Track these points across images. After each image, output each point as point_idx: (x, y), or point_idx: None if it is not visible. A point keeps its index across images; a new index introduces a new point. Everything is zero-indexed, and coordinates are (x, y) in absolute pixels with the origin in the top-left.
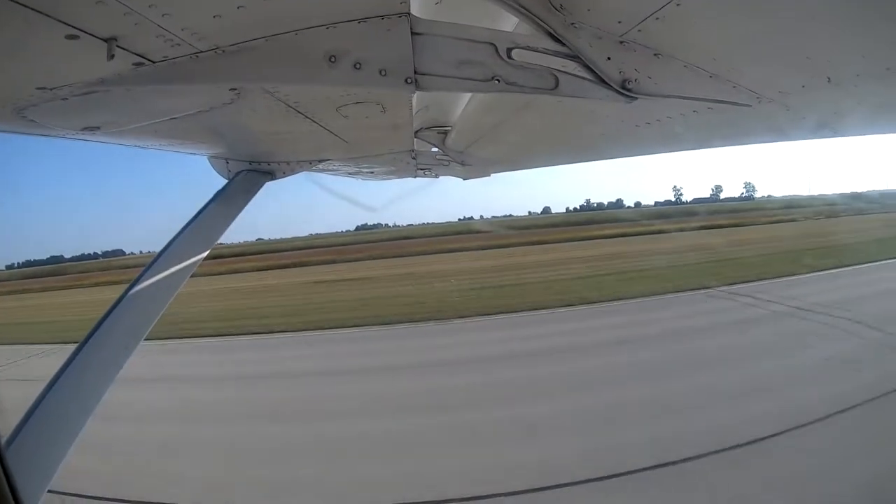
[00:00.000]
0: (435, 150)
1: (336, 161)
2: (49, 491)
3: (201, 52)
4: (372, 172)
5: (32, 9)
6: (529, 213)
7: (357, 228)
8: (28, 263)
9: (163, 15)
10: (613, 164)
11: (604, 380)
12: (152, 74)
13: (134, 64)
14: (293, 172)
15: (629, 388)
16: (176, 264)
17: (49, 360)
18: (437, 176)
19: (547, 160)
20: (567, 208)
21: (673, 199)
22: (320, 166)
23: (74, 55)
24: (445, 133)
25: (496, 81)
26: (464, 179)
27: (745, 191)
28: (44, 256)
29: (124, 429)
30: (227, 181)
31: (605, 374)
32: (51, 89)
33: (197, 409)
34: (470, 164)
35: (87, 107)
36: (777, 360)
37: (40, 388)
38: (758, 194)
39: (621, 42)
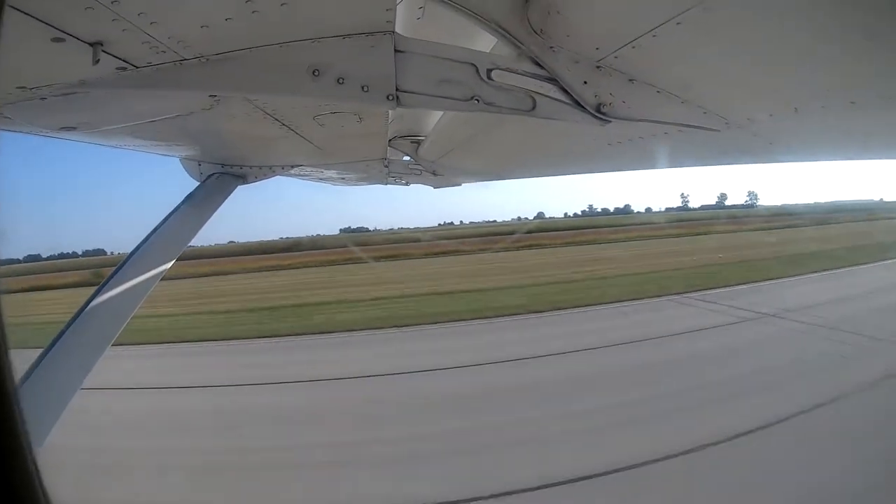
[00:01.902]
0: (407, 158)
1: (309, 167)
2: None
3: (185, 59)
4: (343, 178)
5: (19, 10)
6: (519, 218)
7: (342, 231)
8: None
9: (151, 23)
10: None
11: None
12: (135, 79)
13: (117, 68)
14: (265, 177)
15: None
16: (147, 266)
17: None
18: (407, 184)
19: (519, 173)
20: (566, 213)
21: (680, 206)
22: (293, 171)
23: (58, 57)
24: (418, 143)
25: (475, 101)
26: (434, 188)
27: (748, 198)
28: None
29: None
30: (199, 183)
31: None
32: (31, 88)
33: None
34: (441, 173)
35: (65, 107)
36: None
37: None
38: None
39: (598, 67)
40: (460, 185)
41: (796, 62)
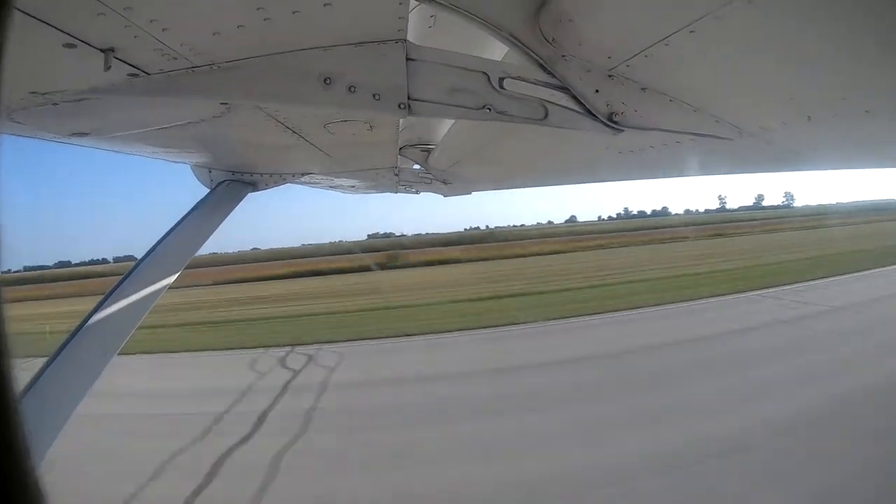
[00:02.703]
0: (417, 167)
1: (319, 174)
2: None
3: (197, 66)
4: (353, 187)
5: (32, 16)
6: (550, 222)
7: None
8: (29, 269)
9: (163, 29)
10: None
11: None
12: (146, 86)
13: (129, 75)
14: (276, 184)
15: None
16: (156, 273)
17: None
18: (417, 192)
19: (529, 182)
20: (599, 217)
21: (718, 207)
22: (303, 179)
23: (70, 63)
24: (429, 151)
25: (487, 110)
26: (444, 196)
27: (784, 199)
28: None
29: None
30: (209, 190)
31: None
32: (43, 94)
33: None
34: (451, 182)
35: (77, 113)
36: None
37: None
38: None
39: (610, 76)
40: (470, 193)
41: (809, 70)
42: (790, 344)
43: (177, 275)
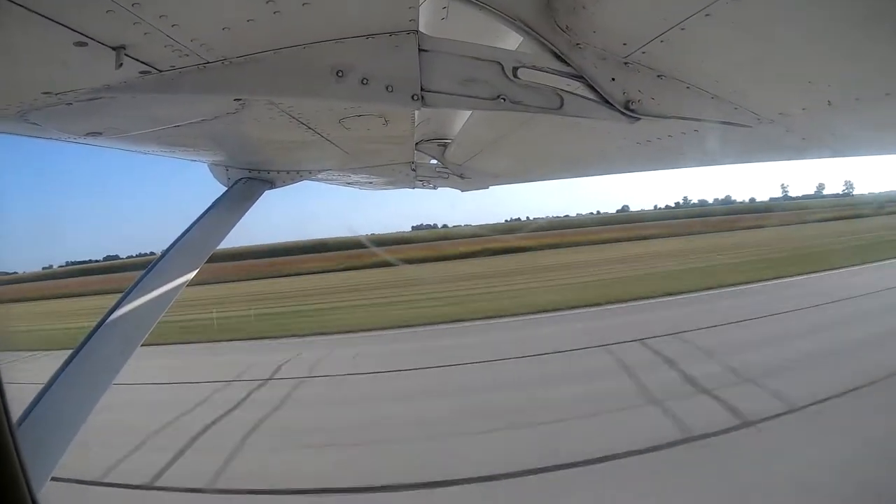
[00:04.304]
0: (434, 162)
1: (336, 171)
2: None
3: (208, 62)
4: (370, 183)
5: (43, 15)
6: (598, 212)
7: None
8: (72, 263)
9: (173, 25)
10: None
11: None
12: (158, 83)
13: (140, 72)
14: (293, 181)
15: None
16: (175, 270)
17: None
18: (435, 187)
19: (546, 174)
20: (655, 206)
21: (781, 196)
22: (320, 175)
23: (82, 62)
24: (445, 146)
25: (502, 100)
26: (462, 191)
27: (844, 188)
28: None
29: None
30: (226, 188)
31: None
32: (56, 94)
33: None
34: (469, 176)
35: (90, 112)
36: None
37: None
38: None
39: (626, 63)
40: (487, 187)
41: (829, 53)
42: None
43: (195, 271)
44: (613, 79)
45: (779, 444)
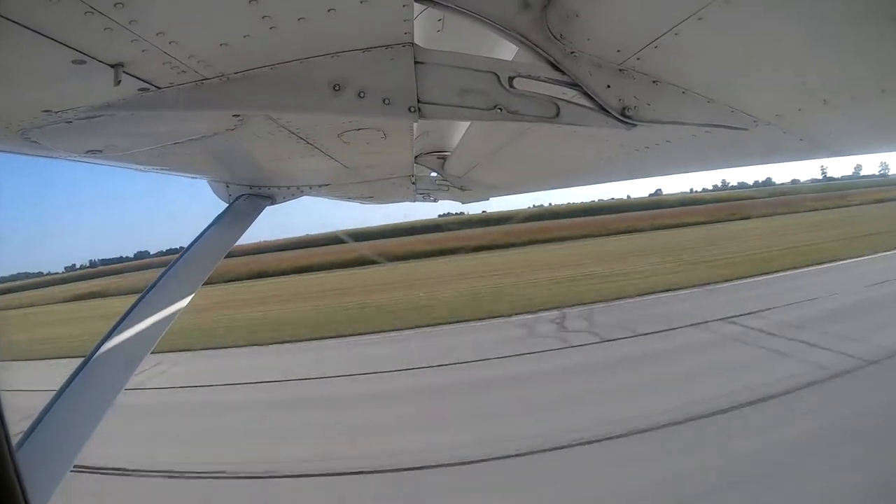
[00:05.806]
0: (434, 174)
1: (336, 186)
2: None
3: (206, 78)
4: (371, 196)
5: (40, 33)
6: (629, 196)
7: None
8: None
9: (170, 42)
10: None
11: None
12: (158, 100)
13: (139, 89)
14: (293, 197)
15: None
16: (178, 286)
17: None
18: (435, 200)
19: (546, 184)
20: (692, 189)
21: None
22: (320, 190)
23: (81, 79)
24: (444, 158)
25: (498, 110)
26: (462, 203)
27: (881, 168)
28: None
29: None
30: (227, 205)
31: None
32: (56, 112)
33: None
34: (469, 188)
35: (90, 130)
36: None
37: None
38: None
39: (620, 70)
40: (487, 199)
41: (822, 52)
42: None
43: (198, 288)
44: (609, 86)
45: None
